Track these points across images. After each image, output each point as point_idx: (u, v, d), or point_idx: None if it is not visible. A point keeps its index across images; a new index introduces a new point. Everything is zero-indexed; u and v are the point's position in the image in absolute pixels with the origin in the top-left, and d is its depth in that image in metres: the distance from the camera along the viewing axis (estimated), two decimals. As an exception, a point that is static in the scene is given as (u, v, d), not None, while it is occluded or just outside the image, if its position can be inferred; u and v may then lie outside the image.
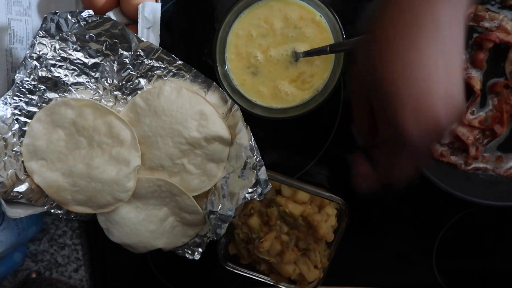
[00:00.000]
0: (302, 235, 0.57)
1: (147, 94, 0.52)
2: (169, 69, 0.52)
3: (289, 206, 0.55)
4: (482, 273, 0.59)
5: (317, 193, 0.57)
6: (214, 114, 0.52)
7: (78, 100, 0.51)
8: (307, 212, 0.56)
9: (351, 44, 0.48)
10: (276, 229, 0.56)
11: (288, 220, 0.56)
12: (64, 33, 0.50)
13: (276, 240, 0.56)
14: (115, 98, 0.53)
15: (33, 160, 0.52)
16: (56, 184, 0.52)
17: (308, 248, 0.57)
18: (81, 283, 0.65)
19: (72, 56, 0.51)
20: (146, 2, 0.53)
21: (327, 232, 0.56)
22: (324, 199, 0.57)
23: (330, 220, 0.56)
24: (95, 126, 0.51)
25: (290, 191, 0.57)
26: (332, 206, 0.57)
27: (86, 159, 0.51)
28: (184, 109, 0.51)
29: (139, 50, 0.51)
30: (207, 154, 0.53)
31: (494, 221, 0.62)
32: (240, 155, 0.51)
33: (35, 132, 0.51)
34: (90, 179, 0.52)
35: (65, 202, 0.54)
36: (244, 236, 0.57)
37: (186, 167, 0.53)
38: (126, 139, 0.51)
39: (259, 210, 0.56)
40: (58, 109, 0.51)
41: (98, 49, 0.51)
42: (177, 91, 0.51)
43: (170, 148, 0.52)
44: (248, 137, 0.51)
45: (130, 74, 0.52)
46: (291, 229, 0.56)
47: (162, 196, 0.55)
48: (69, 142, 0.52)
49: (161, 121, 0.51)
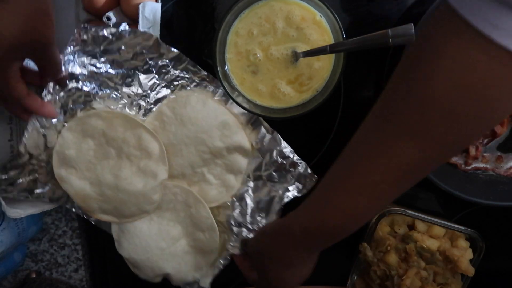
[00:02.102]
0: (440, 270, 0.57)
1: (173, 103, 0.53)
2: (193, 79, 0.54)
3: (426, 242, 0.56)
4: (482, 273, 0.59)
5: (451, 227, 0.57)
6: (236, 125, 0.54)
7: (110, 112, 0.52)
8: (444, 246, 0.57)
9: (351, 44, 0.48)
10: (414, 265, 0.56)
11: (425, 256, 0.57)
12: (92, 46, 0.51)
13: (415, 276, 0.56)
14: (138, 106, 0.54)
15: (62, 167, 0.53)
16: (83, 193, 0.53)
17: (446, 282, 0.58)
18: (81, 283, 0.65)
19: (100, 68, 0.52)
20: (146, 2, 0.53)
21: (468, 266, 0.56)
22: (455, 232, 0.58)
23: (468, 254, 0.57)
24: (124, 137, 0.52)
25: (425, 226, 0.58)
26: (463, 238, 0.58)
27: (115, 169, 0.52)
28: (209, 119, 0.53)
29: (167, 60, 0.53)
30: (226, 164, 0.55)
31: (494, 221, 0.62)
32: (268, 160, 0.55)
33: (66, 141, 0.52)
34: (118, 190, 0.53)
35: (90, 210, 0.55)
36: (381, 273, 0.58)
37: (205, 176, 0.55)
38: (154, 152, 0.52)
39: (395, 246, 0.57)
40: (89, 120, 0.52)
41: (126, 59, 0.52)
42: (203, 101, 0.53)
43: (192, 156, 0.53)
44: (277, 141, 0.54)
45: (155, 83, 0.53)
46: (427, 264, 0.57)
47: (177, 208, 0.55)
48: (98, 152, 0.53)
49: (187, 130, 0.53)
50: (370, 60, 0.59)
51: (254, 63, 0.54)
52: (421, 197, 0.62)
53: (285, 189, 0.55)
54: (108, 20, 0.53)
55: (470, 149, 0.56)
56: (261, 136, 0.55)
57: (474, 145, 0.57)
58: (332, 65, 0.53)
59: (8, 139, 0.56)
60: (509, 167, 0.57)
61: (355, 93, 0.59)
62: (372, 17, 0.57)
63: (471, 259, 0.58)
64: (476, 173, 0.58)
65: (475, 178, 0.58)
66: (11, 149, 0.56)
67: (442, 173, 0.56)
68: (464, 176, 0.58)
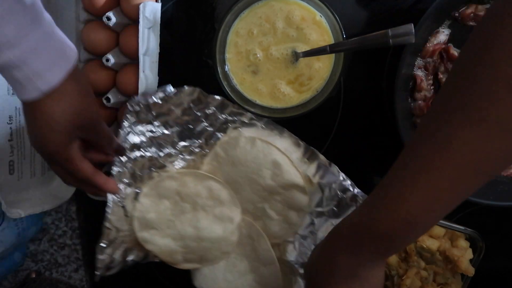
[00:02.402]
0: (440, 270, 0.57)
1: (225, 145, 0.55)
2: (242, 121, 0.55)
3: (426, 242, 0.56)
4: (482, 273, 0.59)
5: (451, 227, 0.57)
6: (287, 163, 0.54)
7: (180, 172, 0.56)
8: (444, 246, 0.56)
9: (351, 44, 0.48)
10: (414, 265, 0.56)
11: (425, 255, 0.57)
12: (145, 113, 0.53)
13: (415, 276, 0.56)
14: (195, 154, 0.56)
15: (144, 230, 0.56)
16: (168, 249, 0.56)
17: (446, 282, 0.57)
18: (81, 283, 0.65)
19: (156, 132, 0.54)
20: (146, 2, 0.53)
21: (468, 266, 0.56)
22: (455, 232, 0.58)
23: (467, 254, 0.57)
24: (196, 191, 0.55)
25: None
26: (463, 238, 0.58)
27: (193, 222, 0.56)
28: (258, 159, 0.54)
29: (213, 107, 0.54)
30: (286, 201, 0.55)
31: (494, 221, 0.62)
32: (328, 195, 0.54)
33: (145, 206, 0.55)
34: (200, 240, 0.56)
35: (175, 262, 0.58)
36: None
37: (267, 212, 0.55)
38: (225, 199, 0.55)
39: None
40: (162, 183, 0.55)
41: (177, 117, 0.54)
42: (251, 141, 0.54)
43: (249, 194, 0.55)
44: (335, 174, 0.53)
45: (208, 131, 0.55)
46: (427, 264, 0.57)
47: (243, 242, 0.57)
48: (174, 210, 0.56)
49: (238, 171, 0.55)
50: (370, 60, 0.59)
51: (254, 63, 0.54)
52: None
53: None
54: (108, 20, 0.53)
55: (470, 149, 0.56)
56: (318, 170, 0.54)
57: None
58: (332, 65, 0.53)
59: (8, 139, 0.56)
60: (509, 167, 0.57)
61: (355, 93, 0.59)
62: (372, 17, 0.57)
63: (471, 259, 0.58)
64: (476, 173, 0.58)
65: (475, 178, 0.58)
66: (11, 149, 0.56)
67: (442, 173, 0.57)
68: (464, 176, 0.58)
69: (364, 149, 0.60)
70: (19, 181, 0.58)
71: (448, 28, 0.55)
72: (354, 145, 0.59)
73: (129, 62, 0.58)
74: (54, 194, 0.60)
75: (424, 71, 0.55)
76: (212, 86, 0.57)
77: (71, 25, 0.57)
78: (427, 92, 0.56)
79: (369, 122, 0.60)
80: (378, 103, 0.59)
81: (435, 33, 0.54)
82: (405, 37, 0.45)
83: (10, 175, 0.56)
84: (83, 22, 0.57)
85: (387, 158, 0.60)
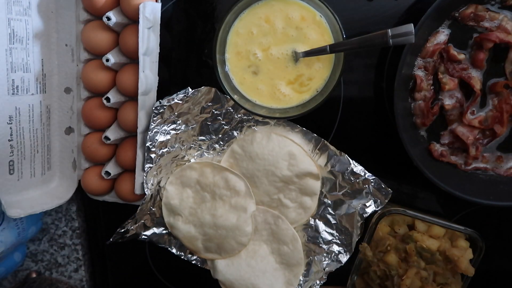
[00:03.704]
0: (440, 270, 0.57)
1: (242, 142, 0.59)
2: (256, 119, 0.59)
3: (426, 242, 0.56)
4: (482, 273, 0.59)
5: (451, 227, 0.57)
6: (301, 153, 0.57)
7: (199, 163, 0.60)
8: (444, 246, 0.57)
9: (351, 44, 0.48)
10: (414, 265, 0.57)
11: (425, 255, 0.57)
12: (168, 114, 0.57)
13: (415, 276, 0.57)
14: (214, 150, 0.61)
15: (170, 216, 0.61)
16: (189, 235, 0.60)
17: (446, 282, 0.58)
18: (81, 283, 0.65)
19: (178, 129, 0.59)
20: (146, 2, 0.53)
21: (468, 266, 0.57)
22: (455, 232, 0.58)
23: (467, 254, 0.57)
24: (214, 182, 0.59)
25: (425, 226, 0.58)
26: (463, 238, 0.58)
27: (211, 210, 0.59)
28: (274, 152, 0.57)
29: (229, 107, 0.58)
30: (300, 188, 0.58)
31: (494, 221, 0.62)
32: (341, 180, 0.57)
33: (170, 193, 0.60)
34: (216, 227, 0.59)
35: (197, 250, 0.61)
36: (381, 273, 0.58)
37: (282, 201, 0.59)
38: (241, 190, 0.59)
39: (395, 246, 0.58)
40: (184, 172, 0.60)
41: (196, 115, 0.59)
42: (267, 136, 0.58)
43: (266, 186, 0.59)
44: (347, 162, 0.57)
45: (224, 128, 0.59)
46: (427, 264, 0.57)
47: (259, 228, 0.60)
48: (196, 198, 0.60)
49: (256, 164, 0.58)
50: (370, 60, 0.59)
51: (254, 63, 0.54)
52: (421, 197, 0.62)
53: (363, 205, 0.57)
54: (108, 20, 0.53)
55: (470, 149, 0.56)
56: (330, 159, 0.58)
57: (474, 145, 0.57)
58: (332, 65, 0.53)
59: (8, 139, 0.56)
60: (509, 167, 0.57)
61: (355, 93, 0.59)
62: (372, 17, 0.57)
63: (471, 259, 0.58)
64: (476, 173, 0.58)
65: (475, 178, 0.58)
66: (11, 149, 0.56)
67: (442, 173, 0.56)
68: (464, 176, 0.58)
69: (364, 149, 0.60)
70: (19, 181, 0.58)
71: (448, 28, 0.55)
72: (354, 145, 0.59)
73: (129, 62, 0.58)
74: (54, 194, 0.60)
75: (424, 71, 0.56)
76: (212, 86, 0.57)
77: (71, 25, 0.57)
78: (427, 92, 0.56)
79: (369, 122, 0.60)
80: (378, 103, 0.59)
81: (435, 33, 0.54)
82: (405, 37, 0.45)
83: (10, 175, 0.57)
84: (83, 22, 0.57)
85: (387, 158, 0.61)
